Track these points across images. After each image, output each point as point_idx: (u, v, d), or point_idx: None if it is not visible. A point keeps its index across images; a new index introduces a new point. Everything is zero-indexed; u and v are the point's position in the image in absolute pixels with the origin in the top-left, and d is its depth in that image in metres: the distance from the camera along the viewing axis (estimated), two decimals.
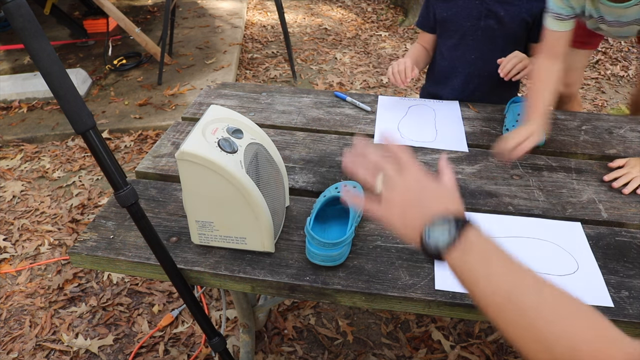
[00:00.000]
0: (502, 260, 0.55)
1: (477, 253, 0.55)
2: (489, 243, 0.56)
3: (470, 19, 1.52)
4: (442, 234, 0.57)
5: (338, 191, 1.05)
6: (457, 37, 1.56)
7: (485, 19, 1.49)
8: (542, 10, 1.35)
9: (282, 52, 3.88)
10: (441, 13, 1.57)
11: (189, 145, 0.84)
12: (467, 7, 1.51)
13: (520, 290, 0.53)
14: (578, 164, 1.24)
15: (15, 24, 0.63)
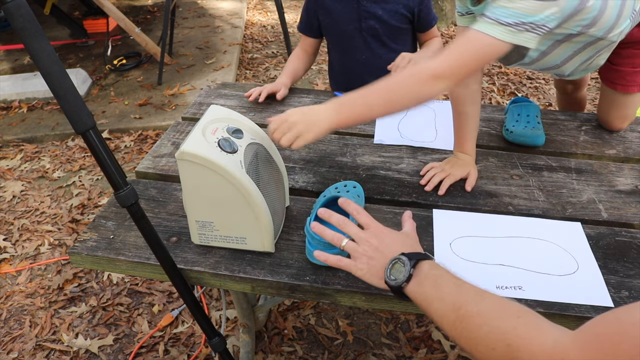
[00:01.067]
0: (450, 283, 0.66)
1: (430, 282, 0.67)
2: (439, 271, 0.68)
3: (352, 22, 1.56)
4: (399, 273, 0.70)
5: (338, 191, 1.05)
6: (344, 41, 1.61)
7: (365, 20, 1.54)
8: (420, 3, 1.48)
9: (282, 52, 3.88)
10: (323, 19, 1.60)
11: (189, 145, 0.84)
12: (346, 12, 1.54)
13: (465, 302, 0.62)
14: (578, 164, 1.24)
15: (15, 24, 0.63)
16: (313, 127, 0.95)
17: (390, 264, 0.72)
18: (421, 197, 1.13)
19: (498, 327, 0.58)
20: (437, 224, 1.03)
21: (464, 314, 0.61)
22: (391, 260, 0.72)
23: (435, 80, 0.93)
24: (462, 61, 0.93)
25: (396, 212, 1.06)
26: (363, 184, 1.13)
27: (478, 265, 0.92)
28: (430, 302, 0.66)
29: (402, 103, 0.96)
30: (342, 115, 0.96)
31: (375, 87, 0.95)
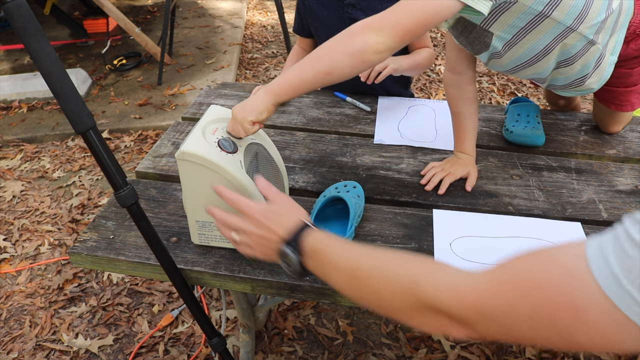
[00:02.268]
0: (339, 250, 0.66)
1: (320, 256, 0.67)
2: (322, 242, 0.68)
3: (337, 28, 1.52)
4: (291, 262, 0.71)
5: (338, 191, 1.05)
6: None
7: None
8: None
9: (282, 52, 3.88)
10: (312, 23, 1.60)
11: (188, 145, 0.84)
12: (332, 17, 1.52)
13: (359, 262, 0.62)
14: (578, 164, 1.24)
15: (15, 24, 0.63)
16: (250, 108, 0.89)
17: (281, 257, 0.72)
18: (421, 197, 1.13)
19: (398, 273, 0.58)
20: (437, 224, 1.03)
21: (361, 273, 0.61)
22: (278, 253, 0.72)
23: (366, 30, 0.84)
24: (401, 15, 0.84)
25: (396, 212, 1.06)
26: (363, 184, 1.13)
27: (478, 266, 0.92)
28: (328, 274, 0.66)
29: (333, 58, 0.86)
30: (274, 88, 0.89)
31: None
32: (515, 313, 0.46)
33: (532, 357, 1.52)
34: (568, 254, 0.45)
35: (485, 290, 0.49)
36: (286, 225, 0.72)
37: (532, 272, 0.46)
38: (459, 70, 1.18)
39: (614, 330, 0.41)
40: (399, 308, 0.57)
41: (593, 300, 0.42)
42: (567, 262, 0.44)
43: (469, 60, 1.18)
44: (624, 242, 0.41)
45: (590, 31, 1.00)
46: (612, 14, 1.03)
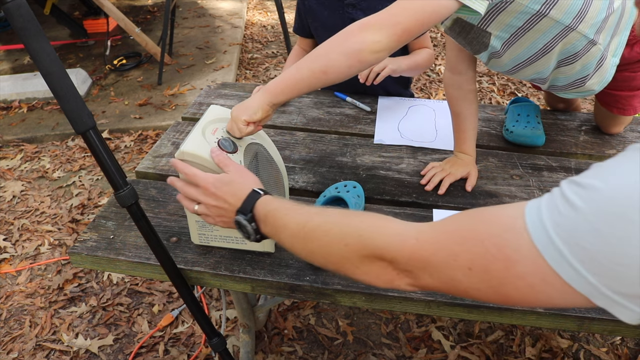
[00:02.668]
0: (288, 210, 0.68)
1: (271, 218, 0.70)
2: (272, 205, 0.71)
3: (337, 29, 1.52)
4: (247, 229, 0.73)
5: (338, 191, 1.05)
6: None
7: None
8: None
9: (282, 52, 3.88)
10: (312, 23, 1.60)
11: (188, 145, 0.84)
12: (332, 18, 1.52)
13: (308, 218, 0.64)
14: (578, 164, 1.24)
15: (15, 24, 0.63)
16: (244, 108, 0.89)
17: (237, 226, 0.75)
18: (421, 197, 1.13)
19: (347, 225, 0.60)
20: None
21: (310, 227, 0.63)
22: (235, 222, 0.75)
23: (364, 29, 0.83)
24: (398, 14, 0.83)
25: (396, 212, 1.06)
26: (363, 184, 1.13)
27: None
28: (279, 234, 0.68)
29: (330, 58, 0.85)
30: (271, 88, 0.88)
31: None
32: (454, 262, 0.49)
33: (532, 357, 1.52)
34: (510, 211, 0.48)
35: (429, 240, 0.52)
36: (238, 195, 0.75)
37: (474, 225, 0.49)
38: (459, 70, 1.18)
39: (541, 281, 0.44)
40: (347, 258, 0.59)
41: (524, 252, 0.45)
42: (507, 219, 0.47)
43: (470, 60, 1.18)
44: (557, 199, 0.44)
45: (590, 31, 1.00)
46: (614, 14, 1.02)
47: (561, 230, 0.42)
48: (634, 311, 0.42)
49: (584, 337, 1.58)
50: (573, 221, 0.42)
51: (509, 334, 1.60)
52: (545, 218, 0.44)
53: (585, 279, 0.42)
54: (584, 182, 0.43)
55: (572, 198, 0.43)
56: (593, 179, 0.43)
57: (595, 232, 0.40)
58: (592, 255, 0.41)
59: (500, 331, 1.61)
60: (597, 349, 1.54)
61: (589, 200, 0.41)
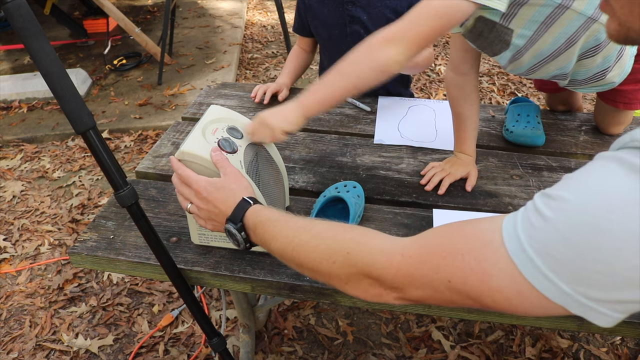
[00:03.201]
0: (277, 222, 0.69)
1: (260, 229, 0.71)
2: (262, 215, 0.72)
3: (338, 27, 1.55)
4: (236, 238, 0.75)
5: (338, 191, 1.04)
6: (331, 45, 1.61)
7: (350, 25, 1.52)
8: (409, 5, 1.39)
9: (282, 52, 3.88)
10: (312, 21, 1.60)
11: (188, 145, 0.84)
12: (332, 15, 1.53)
13: (297, 232, 0.66)
14: (578, 164, 1.24)
15: (15, 24, 0.63)
16: (283, 118, 0.94)
17: (227, 234, 0.77)
18: (421, 197, 1.13)
19: (334, 241, 0.61)
20: (437, 224, 1.03)
21: (298, 242, 0.64)
22: (225, 230, 0.77)
23: (386, 43, 0.88)
24: (416, 22, 0.87)
25: (396, 212, 1.06)
26: (363, 184, 1.13)
27: None
28: (269, 245, 0.70)
29: (359, 75, 0.92)
30: (305, 102, 0.94)
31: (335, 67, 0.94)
32: (436, 275, 0.51)
33: (532, 357, 1.52)
34: (489, 226, 0.49)
35: (413, 255, 0.53)
36: (228, 202, 0.77)
37: (455, 239, 0.51)
38: (462, 71, 1.18)
39: (517, 294, 0.46)
40: (336, 275, 0.60)
41: (501, 266, 0.46)
42: (485, 233, 0.49)
43: (474, 60, 1.18)
44: (530, 212, 0.45)
45: None
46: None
47: (534, 242, 0.44)
48: (609, 316, 0.43)
49: (584, 337, 1.58)
50: (544, 232, 0.43)
51: (509, 334, 1.60)
52: (519, 231, 0.45)
53: (559, 288, 0.43)
54: (554, 194, 0.44)
55: (542, 210, 0.44)
56: (562, 190, 0.44)
57: (565, 241, 0.41)
58: (563, 263, 0.42)
59: (500, 331, 1.61)
60: (597, 349, 1.54)
61: (557, 210, 0.43)
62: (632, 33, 0.47)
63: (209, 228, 0.82)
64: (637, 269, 0.39)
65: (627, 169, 0.40)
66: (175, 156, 0.84)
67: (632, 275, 0.39)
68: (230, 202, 0.77)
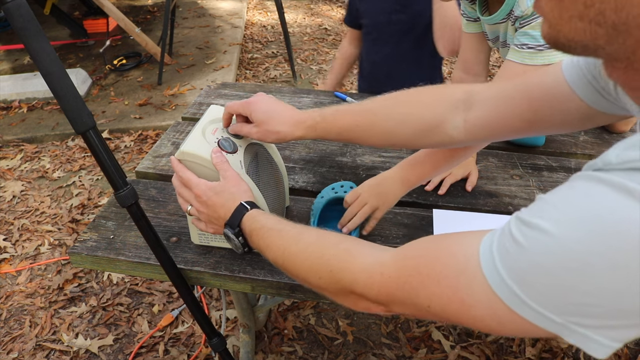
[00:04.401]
0: (271, 231, 0.70)
1: (255, 236, 0.72)
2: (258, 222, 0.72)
3: (384, 14, 1.59)
4: (233, 242, 0.77)
5: (335, 192, 1.04)
6: (375, 32, 1.65)
7: (397, 13, 1.56)
8: None
9: (282, 52, 3.88)
10: (361, 6, 1.66)
11: (188, 145, 0.84)
12: (381, 2, 1.58)
13: (287, 244, 0.66)
14: (578, 164, 1.24)
15: (15, 24, 0.63)
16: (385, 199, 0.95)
17: (224, 237, 0.78)
18: (421, 197, 1.13)
19: (320, 258, 0.62)
20: (437, 224, 1.03)
21: (288, 254, 0.66)
22: (224, 234, 0.78)
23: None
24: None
25: (396, 212, 1.06)
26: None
27: None
28: (264, 253, 0.71)
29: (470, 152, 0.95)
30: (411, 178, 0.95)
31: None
32: (416, 298, 0.51)
33: (532, 357, 1.52)
34: (465, 249, 0.47)
35: (392, 275, 0.53)
36: (227, 206, 0.77)
37: (431, 263, 0.50)
38: (475, 72, 1.18)
39: (498, 325, 0.44)
40: (324, 288, 0.62)
41: (480, 297, 0.44)
42: (461, 258, 0.47)
43: (486, 62, 1.18)
44: (505, 239, 0.43)
45: None
46: None
47: (512, 272, 0.42)
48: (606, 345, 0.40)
49: None
50: (522, 262, 0.41)
51: None
52: (496, 259, 0.43)
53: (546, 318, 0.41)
54: (531, 222, 0.42)
55: (519, 239, 0.42)
56: (539, 218, 0.41)
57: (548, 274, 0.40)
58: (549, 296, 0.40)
59: None
60: None
61: (535, 240, 0.41)
62: (561, 38, 0.44)
63: (210, 231, 0.82)
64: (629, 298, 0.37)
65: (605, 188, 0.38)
66: (175, 156, 0.84)
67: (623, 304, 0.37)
68: (228, 206, 0.77)
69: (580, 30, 0.41)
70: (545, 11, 0.44)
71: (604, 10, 0.39)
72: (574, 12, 0.41)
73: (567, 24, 0.42)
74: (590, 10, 0.40)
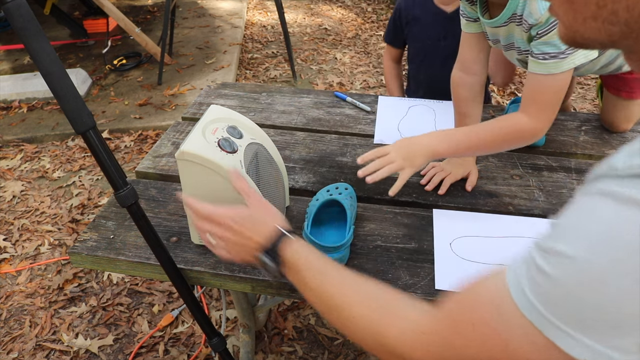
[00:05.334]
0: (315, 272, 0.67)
1: (296, 271, 0.69)
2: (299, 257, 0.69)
3: (431, 39, 1.65)
4: (269, 268, 0.72)
5: (330, 194, 1.04)
6: (422, 55, 1.71)
7: (444, 39, 1.61)
8: None
9: (282, 52, 3.88)
10: (410, 28, 1.70)
11: (188, 145, 0.84)
12: (430, 27, 1.62)
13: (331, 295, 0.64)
14: (578, 164, 1.24)
15: (15, 24, 0.63)
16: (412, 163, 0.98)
17: (258, 263, 0.74)
18: (421, 197, 1.13)
19: (363, 314, 0.60)
20: (437, 224, 1.03)
21: (332, 306, 0.64)
22: (255, 259, 0.73)
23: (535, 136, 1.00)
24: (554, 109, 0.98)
25: (396, 212, 1.06)
26: (363, 184, 1.13)
27: (478, 265, 0.92)
28: (304, 292, 0.69)
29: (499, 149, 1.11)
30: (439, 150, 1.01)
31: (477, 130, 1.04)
32: (463, 355, 0.50)
33: None
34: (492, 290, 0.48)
35: (435, 339, 0.52)
36: (263, 233, 0.73)
37: (466, 315, 0.49)
38: (474, 71, 1.18)
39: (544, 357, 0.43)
40: (365, 345, 0.60)
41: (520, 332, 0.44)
42: (493, 298, 0.47)
43: (486, 61, 1.19)
44: (532, 271, 0.43)
45: None
46: None
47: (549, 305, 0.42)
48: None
49: None
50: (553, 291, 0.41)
51: None
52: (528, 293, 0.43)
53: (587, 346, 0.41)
54: (552, 248, 0.42)
55: (545, 267, 0.42)
56: (557, 243, 0.42)
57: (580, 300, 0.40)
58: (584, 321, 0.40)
59: None
60: None
61: (559, 266, 0.41)
62: (578, 37, 0.46)
63: (236, 260, 0.77)
64: None
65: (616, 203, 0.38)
66: (175, 156, 0.84)
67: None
68: (262, 231, 0.73)
69: (595, 29, 0.43)
70: (560, 15, 0.46)
71: (617, 9, 0.40)
72: (587, 13, 0.43)
73: (581, 25, 0.44)
74: (603, 11, 0.41)
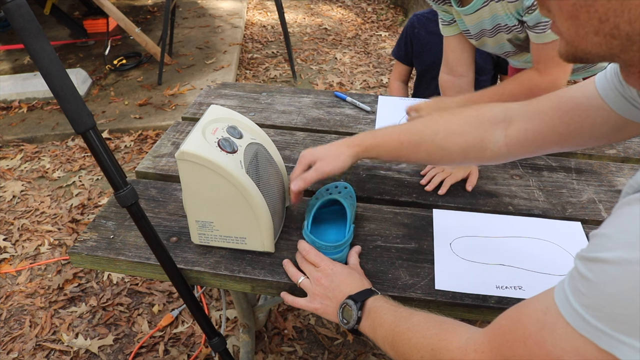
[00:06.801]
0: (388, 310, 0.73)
1: (373, 314, 0.75)
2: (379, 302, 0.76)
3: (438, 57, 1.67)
4: (350, 316, 0.77)
5: (330, 193, 1.04)
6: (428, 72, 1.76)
7: None
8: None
9: (282, 52, 3.88)
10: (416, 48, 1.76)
11: (188, 145, 0.84)
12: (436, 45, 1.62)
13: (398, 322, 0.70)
14: (578, 164, 1.24)
15: (15, 24, 0.63)
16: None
17: (341, 308, 0.79)
18: (421, 197, 1.13)
19: (424, 337, 0.65)
20: (437, 224, 1.03)
21: (397, 332, 0.69)
22: (340, 304, 0.79)
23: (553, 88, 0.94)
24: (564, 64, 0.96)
25: (396, 212, 1.06)
26: (363, 184, 1.13)
27: (478, 265, 0.92)
28: (376, 331, 0.73)
29: None
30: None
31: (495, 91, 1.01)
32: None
33: None
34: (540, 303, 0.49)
35: (485, 353, 0.55)
36: (354, 285, 0.81)
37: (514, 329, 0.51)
38: (460, 73, 1.18)
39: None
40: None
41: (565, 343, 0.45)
42: (539, 313, 0.48)
43: (470, 61, 1.18)
44: (576, 281, 0.44)
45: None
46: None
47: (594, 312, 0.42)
48: None
49: None
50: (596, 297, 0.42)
51: None
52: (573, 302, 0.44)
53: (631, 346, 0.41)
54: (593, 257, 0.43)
55: (588, 275, 0.43)
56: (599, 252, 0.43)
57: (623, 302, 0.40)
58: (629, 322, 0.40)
59: None
60: None
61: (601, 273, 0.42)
62: (579, 52, 0.47)
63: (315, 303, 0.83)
64: None
65: None
66: (175, 156, 0.84)
67: None
68: (355, 285, 0.81)
69: (596, 43, 0.44)
70: (562, 31, 0.47)
71: (619, 23, 0.41)
72: (590, 28, 0.44)
73: (583, 40, 0.45)
74: (605, 25, 0.42)
